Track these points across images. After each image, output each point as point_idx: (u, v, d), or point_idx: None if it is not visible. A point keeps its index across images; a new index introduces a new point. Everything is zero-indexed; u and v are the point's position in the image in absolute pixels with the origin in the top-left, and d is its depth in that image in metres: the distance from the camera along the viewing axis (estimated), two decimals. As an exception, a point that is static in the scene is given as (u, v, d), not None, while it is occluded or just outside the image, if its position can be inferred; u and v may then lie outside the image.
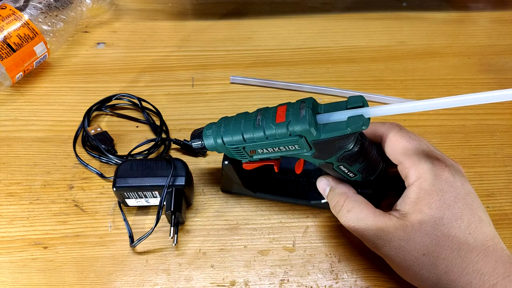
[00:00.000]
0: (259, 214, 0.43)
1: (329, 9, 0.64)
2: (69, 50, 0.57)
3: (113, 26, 0.61)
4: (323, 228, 0.42)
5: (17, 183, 0.44)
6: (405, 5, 0.65)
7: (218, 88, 0.53)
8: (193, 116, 0.50)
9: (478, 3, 0.66)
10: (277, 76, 0.54)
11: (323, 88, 0.53)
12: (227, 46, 0.58)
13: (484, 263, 0.29)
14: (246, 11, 0.63)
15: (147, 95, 0.51)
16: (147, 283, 0.38)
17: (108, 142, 0.46)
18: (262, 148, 0.33)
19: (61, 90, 0.53)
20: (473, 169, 0.46)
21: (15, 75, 0.50)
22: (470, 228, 0.30)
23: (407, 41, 0.60)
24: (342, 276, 0.39)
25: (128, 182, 0.38)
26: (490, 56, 0.58)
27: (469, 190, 0.32)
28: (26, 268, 0.39)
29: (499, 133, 0.50)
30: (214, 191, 0.44)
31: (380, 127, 0.36)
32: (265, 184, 0.43)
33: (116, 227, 0.41)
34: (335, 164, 0.33)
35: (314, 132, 0.29)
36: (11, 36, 0.48)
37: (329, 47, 0.59)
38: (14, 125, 0.49)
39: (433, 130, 0.50)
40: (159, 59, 0.56)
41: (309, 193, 0.41)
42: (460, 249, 0.30)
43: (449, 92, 0.54)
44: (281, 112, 0.31)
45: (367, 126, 0.28)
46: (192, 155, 0.47)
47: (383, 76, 0.55)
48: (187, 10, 0.64)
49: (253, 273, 0.39)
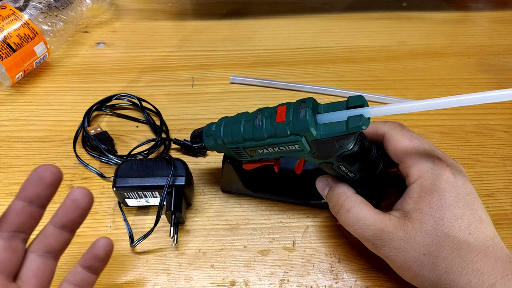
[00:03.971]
0: (259, 214, 0.43)
1: (329, 9, 0.64)
2: (69, 50, 0.57)
3: (113, 26, 0.61)
4: (323, 228, 0.42)
5: (17, 183, 0.44)
6: (405, 5, 0.65)
7: (218, 88, 0.53)
8: (193, 116, 0.50)
9: (478, 3, 0.66)
10: (277, 76, 0.54)
11: (323, 88, 0.53)
12: (227, 46, 0.58)
13: (483, 263, 0.29)
14: (246, 11, 0.63)
15: (147, 95, 0.51)
16: (147, 283, 0.38)
17: (108, 142, 0.46)
18: (262, 148, 0.33)
19: (61, 90, 0.53)
20: (473, 169, 0.46)
21: (15, 75, 0.50)
22: (470, 228, 0.30)
23: (407, 41, 0.60)
24: (342, 276, 0.39)
25: (128, 182, 0.38)
26: (490, 56, 0.58)
27: (469, 190, 0.32)
28: (26, 268, 0.39)
29: (499, 133, 0.50)
30: (214, 191, 0.44)
31: (382, 126, 0.36)
32: (265, 184, 0.43)
33: (116, 227, 0.41)
34: (335, 164, 0.33)
35: (314, 132, 0.29)
36: (11, 36, 0.48)
37: (329, 47, 0.59)
38: (14, 125, 0.49)
39: (433, 130, 0.50)
40: (159, 59, 0.56)
41: (309, 193, 0.41)
42: (460, 249, 0.30)
43: (449, 92, 0.54)
44: (281, 112, 0.31)
45: (367, 126, 0.28)
46: (192, 155, 0.47)
47: (383, 76, 0.55)
48: (187, 10, 0.64)
49: (253, 273, 0.39)
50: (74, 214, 0.29)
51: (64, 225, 0.29)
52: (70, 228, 0.29)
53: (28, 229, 0.29)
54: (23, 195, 0.28)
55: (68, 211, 0.29)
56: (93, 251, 0.31)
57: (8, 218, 0.28)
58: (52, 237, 0.29)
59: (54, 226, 0.29)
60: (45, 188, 0.28)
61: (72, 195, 0.29)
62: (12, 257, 0.28)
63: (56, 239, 0.29)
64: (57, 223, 0.29)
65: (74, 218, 0.29)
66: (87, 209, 0.29)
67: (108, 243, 0.31)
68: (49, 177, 0.27)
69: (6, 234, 0.28)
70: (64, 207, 0.29)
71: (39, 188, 0.27)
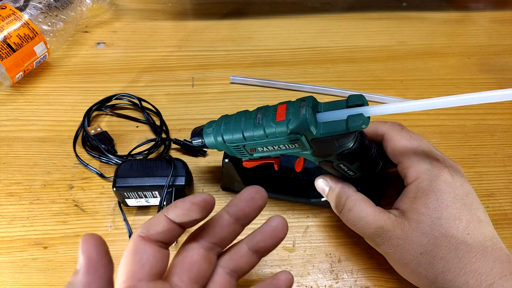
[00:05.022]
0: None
1: (329, 9, 0.64)
2: (69, 50, 0.57)
3: (113, 26, 0.61)
4: (323, 228, 0.42)
5: (17, 183, 0.44)
6: (405, 5, 0.65)
7: (218, 88, 0.53)
8: (193, 116, 0.50)
9: (478, 3, 0.66)
10: (277, 76, 0.54)
11: (323, 88, 0.53)
12: (227, 46, 0.58)
13: (481, 263, 0.29)
14: (246, 11, 0.63)
15: (147, 95, 0.51)
16: (147, 283, 0.38)
17: (108, 142, 0.46)
18: (262, 146, 0.33)
19: (61, 90, 0.53)
20: (473, 169, 0.46)
21: (15, 75, 0.50)
22: (468, 228, 0.30)
23: (407, 41, 0.60)
24: (342, 276, 0.39)
25: (128, 182, 0.38)
26: (490, 56, 0.58)
27: (468, 191, 0.32)
28: (26, 268, 0.39)
29: (499, 133, 0.50)
30: (214, 191, 0.44)
31: (382, 126, 0.36)
32: (265, 182, 0.42)
33: (116, 227, 0.41)
34: (335, 163, 0.33)
35: (314, 130, 0.29)
36: (11, 36, 0.48)
37: (329, 47, 0.59)
38: (14, 125, 0.49)
39: (433, 130, 0.50)
40: (159, 59, 0.56)
41: (309, 191, 0.41)
42: (458, 249, 0.30)
43: (449, 92, 0.54)
44: (281, 110, 0.31)
45: (367, 125, 0.28)
46: (192, 155, 0.47)
47: (383, 76, 0.55)
48: (187, 10, 0.64)
49: (253, 273, 0.39)
50: (271, 242, 0.29)
51: (258, 250, 0.29)
52: (261, 254, 0.30)
53: (226, 244, 0.29)
54: (232, 212, 0.28)
55: (266, 237, 0.29)
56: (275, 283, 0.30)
57: (213, 230, 0.28)
58: (244, 258, 0.29)
59: (248, 248, 0.29)
60: (254, 209, 0.28)
61: (273, 223, 0.29)
62: (208, 268, 0.28)
63: (246, 261, 0.29)
64: (252, 247, 0.29)
65: (269, 246, 0.29)
66: (282, 239, 0.29)
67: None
68: (260, 200, 0.28)
69: (208, 244, 0.28)
70: (263, 233, 0.29)
71: (249, 209, 0.28)
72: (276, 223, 0.29)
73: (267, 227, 0.29)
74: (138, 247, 0.26)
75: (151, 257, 0.26)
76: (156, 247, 0.26)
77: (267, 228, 0.29)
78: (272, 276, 0.30)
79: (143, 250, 0.26)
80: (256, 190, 0.28)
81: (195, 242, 0.28)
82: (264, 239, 0.29)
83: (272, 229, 0.29)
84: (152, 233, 0.26)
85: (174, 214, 0.26)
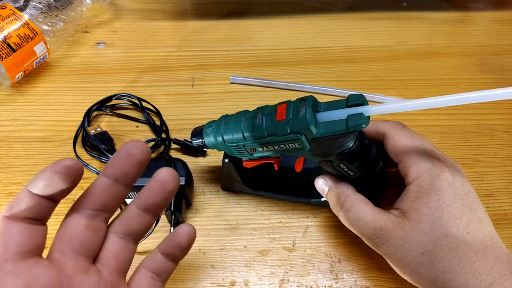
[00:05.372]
0: (259, 214, 0.43)
1: (329, 9, 0.64)
2: (69, 50, 0.57)
3: (113, 26, 0.61)
4: (323, 228, 0.42)
5: (17, 183, 0.44)
6: (405, 5, 0.65)
7: (218, 88, 0.53)
8: (193, 116, 0.50)
9: (478, 3, 0.66)
10: (277, 76, 0.54)
11: (323, 88, 0.53)
12: (227, 46, 0.58)
13: (481, 263, 0.29)
14: (246, 11, 0.63)
15: (147, 95, 0.51)
16: (147, 282, 0.38)
17: (108, 142, 0.46)
18: (262, 146, 0.33)
19: (61, 90, 0.53)
20: (473, 169, 0.46)
21: (15, 75, 0.50)
22: (469, 228, 0.30)
23: (407, 41, 0.60)
24: (342, 276, 0.39)
25: (128, 181, 0.38)
26: (490, 56, 0.58)
27: (468, 191, 0.32)
28: (25, 267, 0.39)
29: (499, 133, 0.50)
30: (214, 191, 0.44)
31: (383, 125, 0.35)
32: (265, 182, 0.43)
33: (116, 227, 0.41)
34: (335, 162, 0.33)
35: (314, 130, 0.29)
36: (11, 36, 0.48)
37: (329, 47, 0.59)
38: (14, 125, 0.49)
39: (433, 130, 0.50)
40: (159, 59, 0.56)
41: (309, 191, 0.41)
42: (458, 249, 0.30)
43: (449, 92, 0.53)
44: (281, 110, 0.31)
45: (366, 124, 0.28)
46: (192, 155, 0.47)
47: (382, 76, 0.55)
48: (187, 10, 0.64)
49: (253, 273, 0.39)
50: (160, 196, 0.27)
51: (148, 207, 0.27)
52: (153, 211, 0.27)
53: (111, 208, 0.27)
54: (109, 172, 0.26)
55: (153, 193, 0.27)
56: (175, 239, 0.29)
57: (92, 196, 0.26)
58: (134, 219, 0.27)
59: (137, 208, 0.27)
60: (133, 166, 0.25)
61: (159, 176, 0.27)
62: (94, 237, 0.26)
63: (138, 222, 0.27)
64: (141, 205, 0.27)
65: (159, 201, 0.27)
66: (173, 192, 0.27)
67: (191, 231, 0.29)
68: (138, 155, 0.25)
69: (89, 212, 0.26)
70: (150, 188, 0.27)
71: (126, 166, 0.25)
72: (163, 176, 0.26)
73: (154, 182, 0.27)
74: (2, 228, 0.24)
75: (17, 235, 0.24)
76: (23, 224, 0.24)
77: (154, 183, 0.27)
78: (172, 232, 0.29)
79: (7, 230, 0.24)
80: (133, 145, 0.25)
81: (75, 213, 0.26)
82: (151, 195, 0.27)
83: (159, 184, 0.26)
84: (16, 211, 0.24)
85: (37, 188, 0.24)
